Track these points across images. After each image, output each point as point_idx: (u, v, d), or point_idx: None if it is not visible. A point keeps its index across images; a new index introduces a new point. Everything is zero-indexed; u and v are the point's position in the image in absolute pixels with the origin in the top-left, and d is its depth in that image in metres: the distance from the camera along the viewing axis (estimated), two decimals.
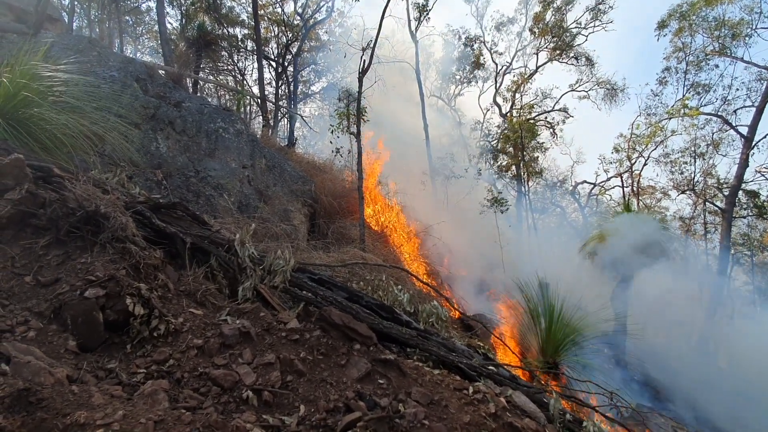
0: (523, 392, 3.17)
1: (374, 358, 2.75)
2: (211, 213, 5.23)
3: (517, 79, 22.03)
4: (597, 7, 19.19)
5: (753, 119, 16.02)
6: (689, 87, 18.44)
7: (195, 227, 3.26)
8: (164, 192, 5.01)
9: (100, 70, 6.22)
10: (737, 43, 16.72)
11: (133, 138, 5.19)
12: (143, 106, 5.94)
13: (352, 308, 3.14)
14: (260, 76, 12.52)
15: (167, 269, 2.76)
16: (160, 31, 12.63)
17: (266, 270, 3.12)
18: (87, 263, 2.58)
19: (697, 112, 17.84)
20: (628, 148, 20.54)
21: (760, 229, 22.68)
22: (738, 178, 16.54)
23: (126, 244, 2.57)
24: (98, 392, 1.96)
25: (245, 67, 19.47)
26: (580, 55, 20.54)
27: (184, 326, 2.45)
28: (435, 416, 2.44)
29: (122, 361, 2.27)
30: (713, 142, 18.96)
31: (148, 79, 6.80)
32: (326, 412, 2.19)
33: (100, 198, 2.80)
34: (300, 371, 2.40)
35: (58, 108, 4.02)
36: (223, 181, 5.94)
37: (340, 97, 8.02)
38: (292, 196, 7.03)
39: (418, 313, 3.80)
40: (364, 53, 7.62)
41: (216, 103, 16.05)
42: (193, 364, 2.24)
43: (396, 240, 9.35)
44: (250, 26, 16.71)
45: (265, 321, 2.71)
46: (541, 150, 21.66)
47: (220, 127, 6.61)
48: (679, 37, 17.86)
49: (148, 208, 3.08)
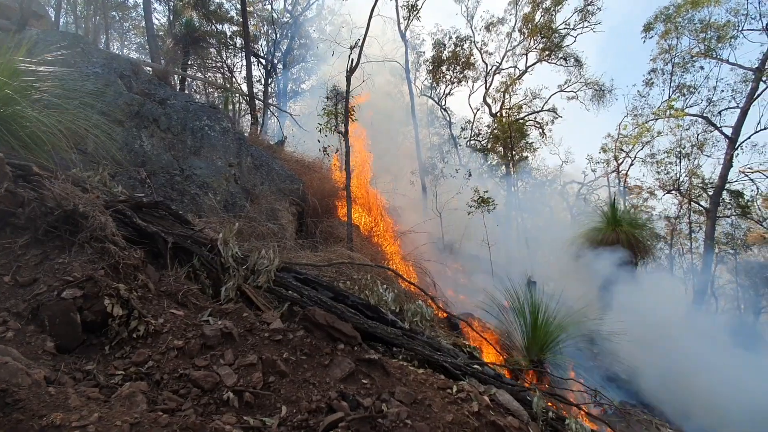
0: (507, 391, 3.20)
1: (358, 358, 2.75)
2: (196, 212, 5.17)
3: (506, 79, 22.18)
4: (585, 8, 19.39)
5: (737, 120, 16.36)
6: (675, 88, 18.74)
7: (177, 227, 3.22)
8: (148, 191, 4.94)
9: (83, 66, 6.11)
10: (723, 45, 17.03)
11: (116, 136, 5.11)
12: (127, 103, 5.85)
13: (337, 308, 3.13)
14: (249, 74, 12.41)
15: (148, 269, 2.72)
16: (147, 27, 12.46)
17: (250, 270, 3.10)
18: (65, 263, 2.54)
19: (682, 114, 18.15)
20: (615, 149, 20.82)
21: (743, 229, 23.19)
22: (722, 178, 16.87)
23: (105, 243, 2.53)
24: (75, 394, 1.94)
25: (234, 64, 19.31)
26: (569, 56, 20.75)
27: (165, 327, 2.42)
28: (418, 416, 2.44)
29: (100, 362, 2.23)
30: (698, 142, 19.31)
31: (133, 75, 6.69)
32: (308, 413, 2.18)
33: (78, 197, 2.75)
34: (282, 372, 2.39)
35: (39, 105, 3.93)
36: (209, 179, 5.88)
37: (329, 95, 7.98)
38: (280, 195, 6.98)
39: (404, 312, 3.81)
40: (352, 52, 7.60)
41: (204, 100, 15.88)
42: (173, 365, 2.22)
43: (384, 239, 9.36)
44: (238, 23, 16.55)
45: (248, 321, 2.69)
46: (530, 150, 21.86)
47: (205, 125, 6.53)
48: (666, 39, 18.13)
49: (129, 207, 3.03)
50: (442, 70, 21.34)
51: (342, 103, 7.72)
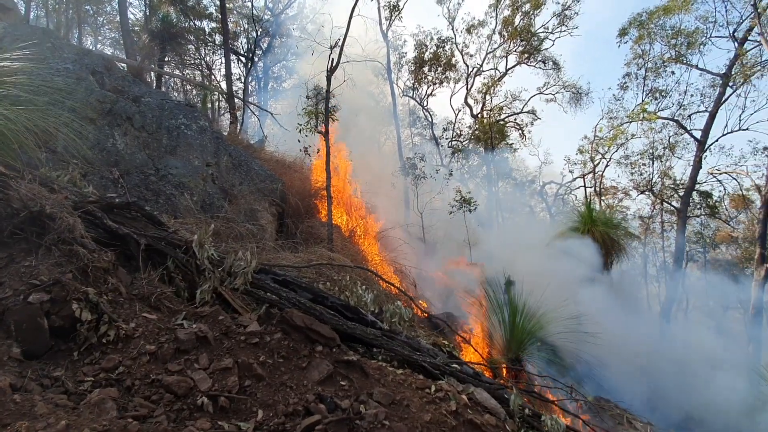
0: (485, 389, 3.24)
1: (337, 360, 2.74)
2: (171, 213, 5.05)
3: (487, 80, 22.49)
4: (563, 13, 19.83)
5: (706, 124, 17.00)
6: (648, 92, 19.35)
7: (151, 228, 3.15)
8: (120, 191, 4.80)
9: (54, 62, 5.89)
10: (692, 51, 17.68)
11: (88, 134, 4.94)
12: (99, 100, 5.67)
13: (315, 309, 3.11)
14: (228, 72, 12.20)
15: (119, 272, 2.65)
16: (122, 22, 12.11)
17: (227, 272, 3.05)
18: (31, 266, 2.45)
19: (654, 117, 18.75)
20: (591, 150, 21.35)
21: (712, 228, 24.16)
22: (692, 179, 17.50)
23: (73, 246, 2.45)
24: (42, 401, 1.89)
25: (213, 61, 18.95)
26: (548, 59, 21.18)
27: (136, 332, 2.36)
28: (396, 416, 2.46)
29: (68, 368, 2.17)
30: (670, 145, 19.99)
31: (106, 72, 6.49)
32: (285, 416, 2.17)
33: (46, 198, 2.66)
34: (259, 375, 2.36)
35: (5, 101, 3.78)
36: (185, 179, 5.75)
37: (309, 95, 7.92)
38: (260, 195, 6.89)
39: (384, 313, 3.82)
40: (332, 51, 7.56)
41: (182, 98, 15.52)
42: (144, 370, 2.17)
43: (364, 240, 9.35)
44: (217, 19, 16.24)
45: (224, 324, 2.65)
46: (510, 150, 22.21)
47: (182, 124, 6.38)
48: (639, 44, 18.70)
49: (99, 208, 2.94)
50: (423, 70, 21.47)
51: (323, 103, 7.68)
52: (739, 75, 16.48)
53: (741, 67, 16.33)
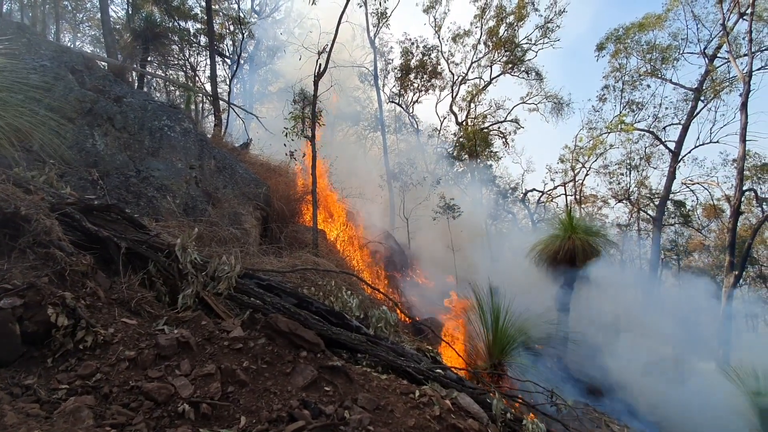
0: (468, 394, 3.27)
1: (321, 365, 2.72)
2: (153, 216, 4.93)
3: (472, 89, 22.82)
4: (546, 26, 20.35)
5: (679, 135, 17.67)
6: (625, 104, 19.98)
7: (132, 231, 3.07)
8: (100, 193, 4.66)
9: (29, 58, 5.71)
10: (666, 66, 18.38)
11: (66, 133, 4.80)
12: (78, 99, 5.52)
13: (300, 315, 3.08)
14: (213, 73, 12.04)
15: (98, 276, 2.58)
16: (103, 20, 11.80)
17: (210, 276, 3.00)
18: (3, 270, 2.36)
19: (631, 128, 19.36)
20: (572, 159, 21.88)
21: (685, 236, 25.01)
22: (667, 189, 18.13)
23: (50, 249, 2.37)
24: (12, 411, 1.81)
25: (197, 62, 18.69)
26: (531, 70, 21.66)
27: (115, 337, 2.30)
28: (380, 421, 2.45)
29: (42, 376, 2.09)
30: (646, 155, 20.67)
31: (86, 70, 6.33)
32: (268, 423, 2.14)
33: (20, 198, 2.57)
34: (242, 381, 2.32)
35: None
36: (168, 181, 5.62)
37: (295, 99, 7.89)
38: (244, 198, 6.80)
39: (369, 318, 3.81)
40: (320, 57, 7.56)
41: (164, 99, 15.23)
42: (123, 377, 2.11)
43: (349, 245, 9.32)
44: (203, 20, 16.05)
45: (206, 330, 2.60)
46: (494, 158, 22.53)
47: (165, 125, 6.26)
48: (616, 58, 19.33)
49: (78, 210, 2.86)
50: (410, 77, 21.65)
51: (309, 108, 7.66)
52: (709, 90, 17.21)
53: (711, 82, 17.07)
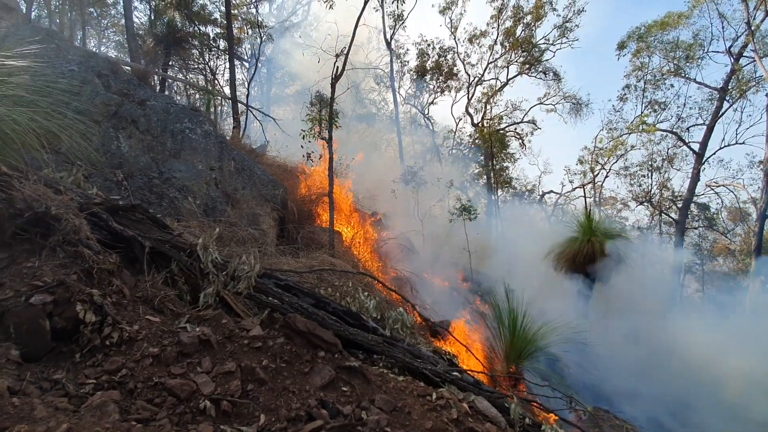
0: (486, 397, 3.23)
1: (339, 366, 2.73)
2: (174, 216, 5.05)
3: (488, 90, 22.65)
4: (564, 25, 20.06)
5: (704, 136, 17.15)
6: (647, 104, 19.53)
7: (155, 231, 3.15)
8: (124, 193, 4.80)
9: (58, 63, 5.92)
10: (691, 65, 17.88)
11: (93, 136, 4.95)
12: (104, 103, 5.69)
13: (318, 315, 3.10)
14: (232, 77, 12.26)
15: (123, 274, 2.65)
16: (127, 26, 12.15)
17: (230, 276, 3.05)
18: (34, 267, 2.44)
19: (653, 129, 18.90)
20: (591, 161, 21.47)
21: (710, 240, 24.24)
22: (690, 191, 17.62)
23: (78, 247, 2.45)
24: (41, 404, 1.86)
25: (216, 66, 19.04)
26: (548, 70, 21.38)
27: (140, 334, 2.36)
28: (398, 423, 2.44)
29: (70, 371, 2.15)
30: (668, 157, 20.15)
31: (111, 75, 6.53)
32: (287, 421, 2.16)
33: (51, 198, 2.66)
34: (261, 380, 2.35)
35: (8, 101, 3.78)
36: (189, 182, 5.75)
37: (313, 101, 7.98)
38: (262, 199, 6.89)
39: (385, 319, 3.81)
40: (337, 60, 7.63)
41: (185, 102, 15.57)
42: (147, 373, 2.16)
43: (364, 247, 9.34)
44: (222, 25, 16.36)
45: (227, 328, 2.64)
46: (510, 160, 22.31)
47: (186, 128, 6.41)
48: (638, 57, 18.91)
49: (104, 210, 2.94)
50: (425, 79, 21.63)
51: (326, 110, 7.73)
52: (735, 89, 16.68)
53: (737, 81, 16.54)
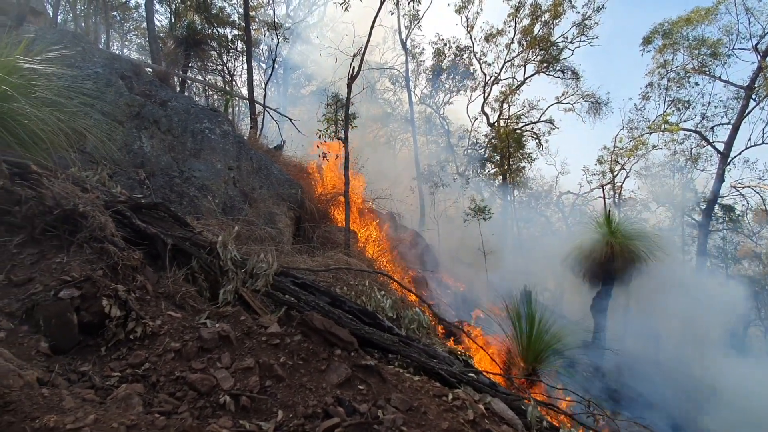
0: (502, 399, 3.20)
1: (355, 364, 2.74)
2: (194, 214, 5.16)
3: (505, 89, 22.38)
4: (583, 23, 19.69)
5: (729, 136, 16.62)
6: (670, 103, 19.01)
7: (177, 228, 3.22)
8: (146, 192, 4.93)
9: (84, 65, 6.10)
10: (716, 62, 17.32)
11: (116, 136, 5.10)
12: (128, 103, 5.85)
13: (334, 313, 3.13)
14: (249, 78, 12.43)
15: (146, 271, 2.72)
16: (149, 29, 12.45)
17: (248, 273, 3.09)
18: (62, 263, 2.52)
19: (676, 128, 18.39)
20: (611, 161, 21.00)
21: (734, 243, 23.43)
22: (714, 192, 17.08)
23: (104, 244, 2.52)
24: (69, 396, 1.91)
25: (234, 67, 19.34)
26: (567, 69, 21.00)
27: (162, 329, 2.41)
28: (414, 423, 2.44)
29: (96, 364, 2.21)
30: (692, 157, 19.56)
31: (134, 76, 6.70)
32: (304, 418, 2.18)
33: (78, 196, 2.74)
34: (279, 376, 2.38)
35: (37, 103, 3.92)
36: (208, 182, 5.88)
37: (329, 102, 8.05)
38: (278, 199, 6.99)
39: (401, 319, 3.82)
40: (353, 60, 7.67)
41: (203, 103, 15.86)
42: (169, 367, 2.21)
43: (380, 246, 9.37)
44: (240, 27, 16.62)
45: (245, 325, 2.68)
46: (527, 160, 22.01)
47: (206, 128, 6.54)
48: (662, 54, 18.42)
49: (128, 208, 3.03)
50: (441, 79, 21.52)
51: (342, 110, 7.78)
52: (762, 88, 16.09)
53: (764, 80, 15.95)
